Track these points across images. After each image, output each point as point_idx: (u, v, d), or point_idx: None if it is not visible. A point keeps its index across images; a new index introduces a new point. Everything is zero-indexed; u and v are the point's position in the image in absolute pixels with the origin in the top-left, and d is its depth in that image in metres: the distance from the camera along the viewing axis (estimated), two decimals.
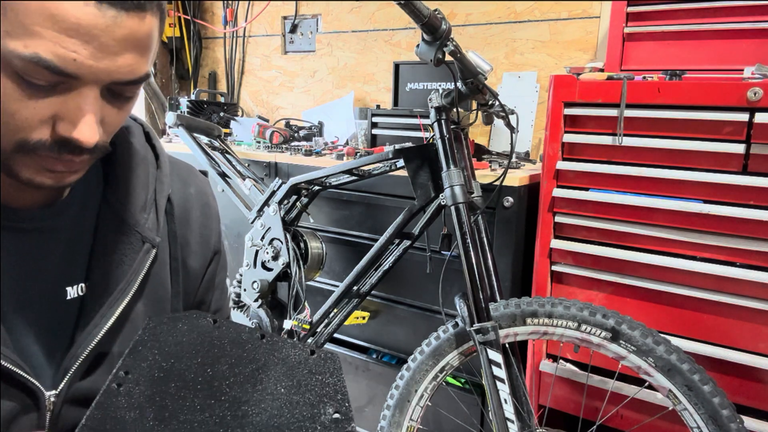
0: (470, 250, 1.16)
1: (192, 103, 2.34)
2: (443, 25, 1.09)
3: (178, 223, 0.76)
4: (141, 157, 0.71)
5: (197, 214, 0.79)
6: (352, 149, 1.85)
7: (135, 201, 0.69)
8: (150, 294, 0.72)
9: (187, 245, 0.77)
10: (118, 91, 0.56)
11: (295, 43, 2.69)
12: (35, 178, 0.57)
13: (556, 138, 1.37)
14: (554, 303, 1.14)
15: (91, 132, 0.54)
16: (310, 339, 1.46)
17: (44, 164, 0.56)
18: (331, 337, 1.48)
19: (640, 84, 1.26)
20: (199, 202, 0.80)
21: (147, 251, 0.69)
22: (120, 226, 0.68)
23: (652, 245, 1.30)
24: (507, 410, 1.12)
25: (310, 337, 1.46)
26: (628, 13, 1.47)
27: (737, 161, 1.19)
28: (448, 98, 1.23)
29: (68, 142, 0.54)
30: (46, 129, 0.54)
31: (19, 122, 0.53)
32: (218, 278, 0.87)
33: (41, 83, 0.51)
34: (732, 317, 1.23)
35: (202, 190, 0.82)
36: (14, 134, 0.54)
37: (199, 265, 0.80)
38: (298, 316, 1.47)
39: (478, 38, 2.14)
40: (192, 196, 0.79)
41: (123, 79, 0.55)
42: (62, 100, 0.53)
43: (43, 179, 0.57)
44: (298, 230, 1.58)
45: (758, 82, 1.14)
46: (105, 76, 0.53)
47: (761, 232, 1.17)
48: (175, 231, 0.75)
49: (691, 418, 1.04)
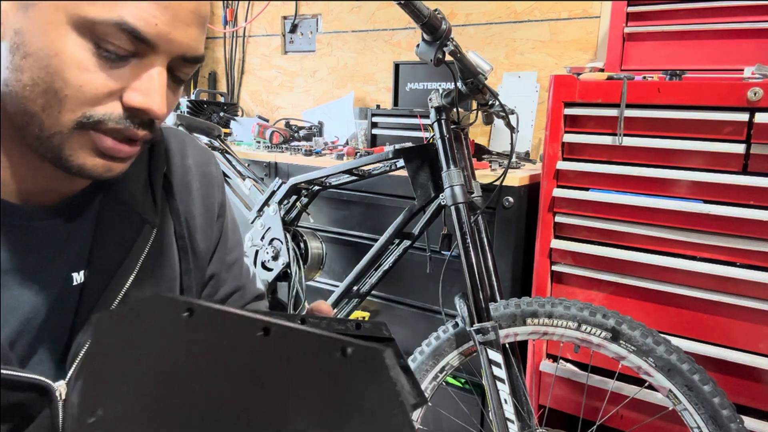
0: (470, 250, 1.16)
1: (192, 103, 2.34)
2: (443, 25, 1.08)
3: (179, 198, 0.74)
4: None
5: (197, 186, 0.77)
6: (352, 149, 1.85)
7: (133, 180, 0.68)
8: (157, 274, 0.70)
9: (192, 219, 0.76)
10: (177, 68, 0.56)
11: (295, 43, 2.69)
12: (87, 164, 0.55)
13: (556, 138, 1.37)
14: (554, 303, 1.14)
15: (162, 102, 0.54)
16: None
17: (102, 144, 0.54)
18: None
19: (641, 84, 1.26)
20: (199, 173, 0.78)
21: (147, 232, 0.68)
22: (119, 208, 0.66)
23: (652, 245, 1.30)
24: (507, 410, 1.12)
25: None
26: (628, 13, 1.47)
27: (737, 161, 1.19)
28: (448, 98, 1.23)
29: (139, 113, 0.53)
30: (113, 102, 0.53)
31: (87, 95, 0.51)
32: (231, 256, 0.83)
33: (118, 52, 0.50)
34: (732, 317, 1.23)
35: (201, 160, 0.79)
36: (78, 109, 0.51)
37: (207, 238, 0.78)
38: None
39: (478, 38, 2.14)
40: (190, 168, 0.77)
41: (190, 54, 0.55)
42: (134, 71, 0.52)
43: (96, 165, 0.55)
44: (298, 230, 1.58)
45: (758, 82, 1.14)
46: (176, 47, 0.53)
47: (761, 232, 1.17)
48: (177, 208, 0.73)
49: (691, 418, 1.04)
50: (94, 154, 0.55)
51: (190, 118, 1.96)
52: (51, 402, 0.61)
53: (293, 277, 1.51)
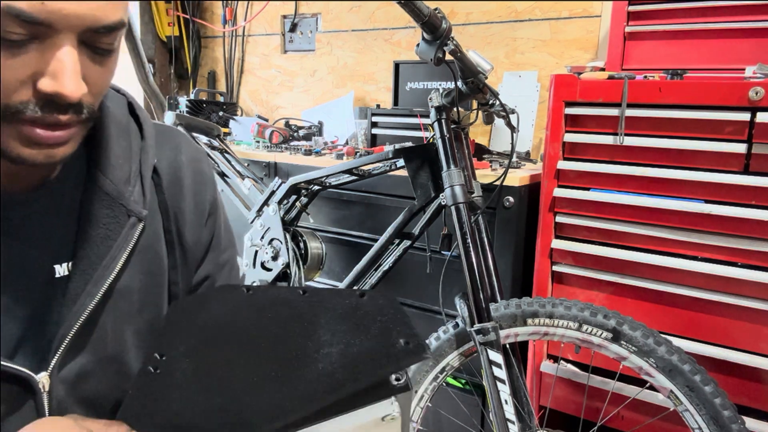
0: (470, 250, 1.16)
1: (191, 103, 2.33)
2: (443, 24, 1.08)
3: (169, 193, 0.74)
4: (123, 127, 0.70)
5: (189, 182, 0.77)
6: (352, 149, 1.85)
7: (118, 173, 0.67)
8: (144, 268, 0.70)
9: (181, 215, 0.75)
10: (94, 41, 0.54)
11: (295, 42, 2.69)
12: (24, 153, 0.54)
13: (557, 138, 1.36)
14: (555, 303, 1.14)
15: (73, 84, 0.52)
16: None
17: (30, 134, 0.53)
18: None
19: (642, 83, 1.25)
20: (191, 169, 0.77)
21: (133, 225, 0.67)
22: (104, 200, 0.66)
23: (653, 245, 1.29)
24: (507, 411, 1.11)
25: None
26: (629, 12, 1.46)
27: (739, 161, 1.18)
28: (448, 98, 1.22)
29: (52, 99, 0.52)
30: (27, 89, 0.52)
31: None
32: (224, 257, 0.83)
33: (15, 38, 0.49)
34: (733, 318, 1.23)
35: (194, 157, 0.79)
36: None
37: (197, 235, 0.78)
38: None
39: (479, 37, 2.14)
40: (183, 164, 0.77)
41: (96, 24, 0.52)
42: (39, 54, 0.51)
43: (33, 154, 0.55)
44: (297, 230, 1.58)
45: (760, 81, 1.14)
46: (77, 21, 0.51)
47: (763, 232, 1.16)
48: (166, 202, 0.73)
49: (692, 419, 1.03)
50: (27, 143, 0.54)
51: (189, 117, 1.96)
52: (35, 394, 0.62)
53: (293, 277, 1.51)
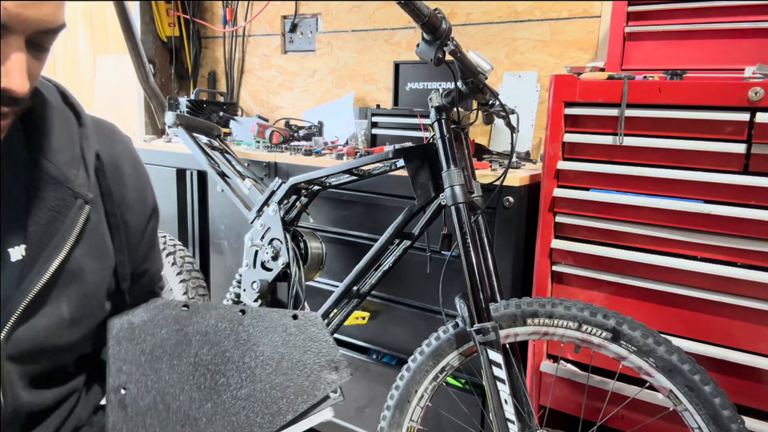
0: (470, 250, 1.16)
1: (191, 103, 2.34)
2: (443, 25, 1.08)
3: (111, 179, 0.78)
4: (59, 113, 0.73)
5: (130, 171, 0.81)
6: (352, 149, 1.85)
7: (61, 157, 0.71)
8: (91, 249, 0.74)
9: (123, 201, 0.79)
10: (38, 41, 0.59)
11: (295, 42, 2.69)
12: None
13: (557, 138, 1.36)
14: (555, 303, 1.14)
15: (21, 81, 0.57)
16: None
17: None
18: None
19: (641, 83, 1.26)
20: (130, 159, 0.82)
21: (80, 207, 0.71)
22: (50, 183, 0.69)
23: (652, 245, 1.30)
24: (507, 411, 1.11)
25: None
26: (629, 13, 1.46)
27: (738, 161, 1.18)
28: (448, 98, 1.23)
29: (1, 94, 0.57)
30: None
31: None
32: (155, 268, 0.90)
33: None
34: (733, 317, 1.23)
35: (129, 148, 0.84)
36: None
37: (138, 221, 0.82)
38: None
39: (479, 38, 2.14)
40: (121, 153, 0.81)
41: (47, 28, 0.58)
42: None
43: None
44: (297, 230, 1.58)
45: (759, 81, 1.14)
46: (32, 25, 0.56)
47: (762, 232, 1.17)
48: (109, 187, 0.77)
49: (692, 419, 1.04)
50: None
51: (189, 117, 1.96)
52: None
53: (293, 277, 1.51)
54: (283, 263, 1.53)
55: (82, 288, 0.72)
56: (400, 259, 1.38)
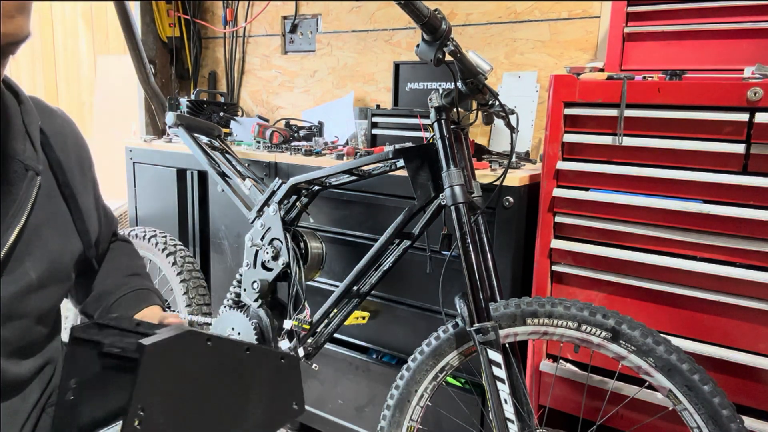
0: (470, 250, 1.16)
1: (192, 103, 2.34)
2: (443, 25, 1.08)
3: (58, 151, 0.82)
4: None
5: (72, 142, 0.87)
6: (352, 149, 1.85)
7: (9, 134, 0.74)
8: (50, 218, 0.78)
9: (70, 171, 0.84)
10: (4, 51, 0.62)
11: (295, 42, 2.69)
12: None
13: (556, 138, 1.37)
14: (554, 303, 1.14)
15: None
16: (310, 339, 1.46)
17: None
18: (330, 337, 1.48)
19: (641, 84, 1.26)
20: (71, 132, 0.88)
21: (32, 179, 0.74)
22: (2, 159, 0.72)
23: (652, 245, 1.30)
24: (507, 410, 1.12)
25: (309, 337, 1.46)
26: (628, 13, 1.46)
27: (737, 161, 1.19)
28: (448, 98, 1.23)
29: None
30: None
31: None
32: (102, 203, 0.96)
33: None
34: (732, 317, 1.23)
35: (68, 121, 0.89)
36: None
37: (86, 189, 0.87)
38: (298, 316, 1.47)
39: (478, 38, 2.14)
40: (62, 126, 0.86)
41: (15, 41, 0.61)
42: None
43: None
44: (298, 230, 1.58)
45: (758, 81, 1.14)
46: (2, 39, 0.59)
47: (761, 232, 1.17)
48: (57, 158, 0.82)
49: (691, 418, 1.04)
50: None
51: (190, 118, 1.96)
52: None
53: (293, 277, 1.51)
54: (283, 263, 1.53)
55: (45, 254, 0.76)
56: (400, 259, 1.38)
